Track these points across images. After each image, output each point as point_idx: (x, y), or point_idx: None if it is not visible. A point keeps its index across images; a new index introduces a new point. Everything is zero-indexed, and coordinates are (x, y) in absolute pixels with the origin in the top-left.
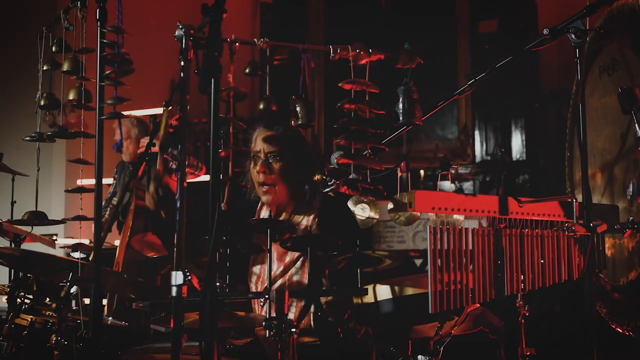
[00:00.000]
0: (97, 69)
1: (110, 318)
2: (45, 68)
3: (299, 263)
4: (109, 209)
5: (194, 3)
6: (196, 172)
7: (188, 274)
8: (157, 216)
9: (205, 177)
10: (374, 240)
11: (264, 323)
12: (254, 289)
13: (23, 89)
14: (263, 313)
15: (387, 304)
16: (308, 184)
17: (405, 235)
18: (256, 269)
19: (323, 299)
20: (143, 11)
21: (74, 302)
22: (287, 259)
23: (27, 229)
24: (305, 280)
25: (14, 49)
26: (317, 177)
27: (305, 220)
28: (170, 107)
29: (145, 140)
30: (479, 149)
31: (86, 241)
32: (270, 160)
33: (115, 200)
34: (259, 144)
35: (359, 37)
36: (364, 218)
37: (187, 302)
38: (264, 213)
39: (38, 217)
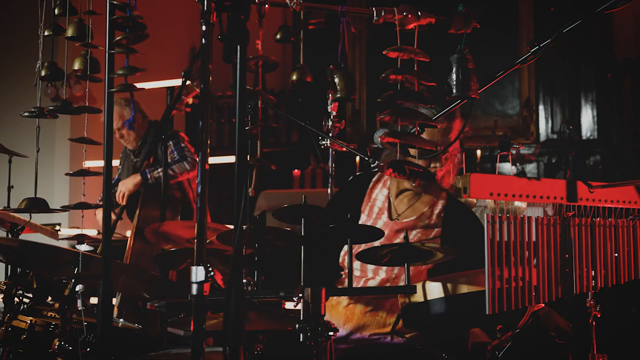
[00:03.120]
0: (106, 35)
1: (120, 320)
2: (46, 34)
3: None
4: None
5: None
6: (179, 174)
7: (210, 269)
8: None
9: (231, 158)
10: None
11: (297, 325)
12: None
13: (21, 58)
14: (299, 311)
15: (438, 303)
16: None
17: None
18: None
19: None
20: None
21: (79, 301)
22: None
23: (26, 217)
24: None
25: (11, 12)
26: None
27: (429, 212)
28: (190, 82)
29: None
30: (543, 127)
31: (93, 232)
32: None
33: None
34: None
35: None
36: None
37: (209, 302)
38: (378, 193)
39: (37, 205)
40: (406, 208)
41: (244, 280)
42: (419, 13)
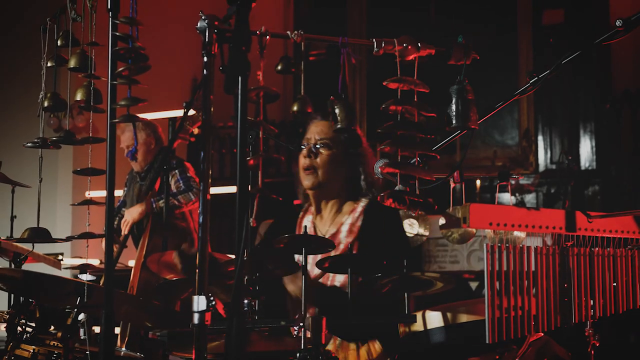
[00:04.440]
0: (108, 66)
1: (123, 349)
2: (49, 64)
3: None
4: (117, 218)
5: None
6: (185, 203)
7: (212, 298)
8: None
9: (233, 189)
10: (424, 260)
11: (297, 355)
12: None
13: (24, 89)
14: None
15: (438, 332)
16: (365, 181)
17: (459, 255)
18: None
19: None
20: (161, 0)
21: (82, 330)
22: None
23: (28, 247)
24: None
25: (14, 43)
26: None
27: (350, 220)
28: (191, 112)
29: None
30: (542, 157)
31: (96, 261)
32: (318, 146)
33: (124, 211)
34: (310, 132)
35: (406, 30)
36: (412, 235)
37: (210, 331)
38: (307, 221)
39: (40, 235)
40: (330, 225)
41: (245, 301)
42: (419, 44)
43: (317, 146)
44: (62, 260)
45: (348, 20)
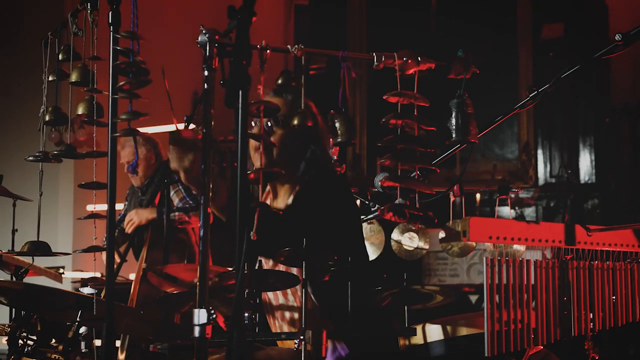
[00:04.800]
0: (109, 80)
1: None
2: (50, 79)
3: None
4: (117, 231)
5: (220, 5)
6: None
7: (212, 311)
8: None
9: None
10: (424, 273)
11: None
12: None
13: (26, 103)
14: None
15: (438, 346)
16: (305, 161)
17: (459, 268)
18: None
19: None
20: (162, 14)
21: (83, 344)
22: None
23: (29, 261)
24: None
25: (16, 57)
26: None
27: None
28: (191, 126)
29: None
30: (542, 171)
31: (97, 274)
32: (270, 124)
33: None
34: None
35: (406, 44)
36: (412, 248)
37: (211, 344)
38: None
39: (40, 248)
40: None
41: (245, 314)
42: (419, 58)
43: (269, 124)
44: (63, 273)
45: (348, 20)
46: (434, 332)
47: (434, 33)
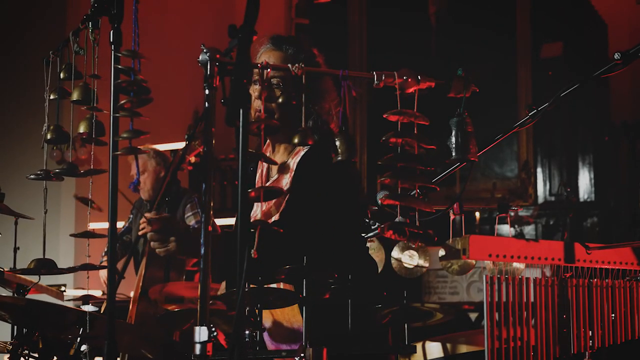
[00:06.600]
0: (110, 99)
1: None
2: (52, 97)
3: None
4: (118, 244)
5: (220, 24)
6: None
7: (214, 329)
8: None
9: (234, 220)
10: (424, 291)
11: None
12: None
13: (27, 121)
14: None
15: None
16: (313, 121)
17: (459, 286)
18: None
19: None
20: (163, 33)
21: None
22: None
23: (34, 278)
24: None
25: (18, 76)
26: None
27: (293, 165)
28: (193, 142)
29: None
30: (541, 189)
31: (98, 292)
32: (273, 83)
33: (128, 237)
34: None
35: (406, 63)
36: (412, 266)
37: None
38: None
39: (46, 266)
40: (276, 171)
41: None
42: (419, 77)
43: (272, 83)
44: (64, 291)
45: (348, 38)
46: (434, 350)
47: (434, 53)
